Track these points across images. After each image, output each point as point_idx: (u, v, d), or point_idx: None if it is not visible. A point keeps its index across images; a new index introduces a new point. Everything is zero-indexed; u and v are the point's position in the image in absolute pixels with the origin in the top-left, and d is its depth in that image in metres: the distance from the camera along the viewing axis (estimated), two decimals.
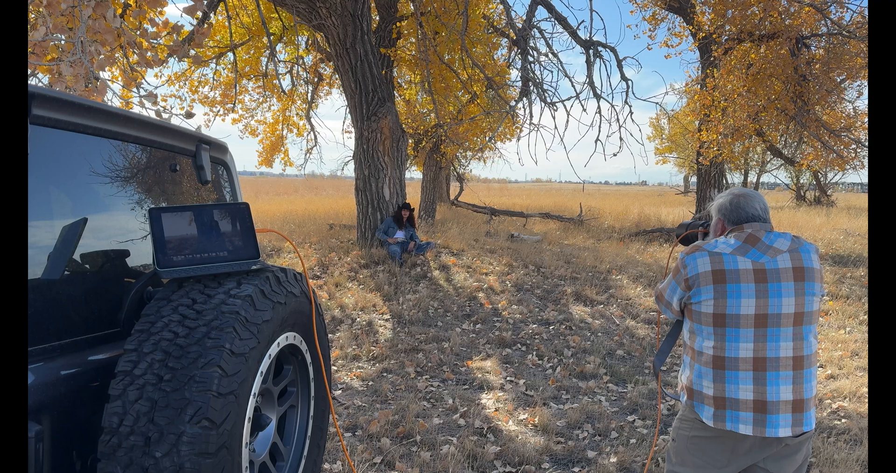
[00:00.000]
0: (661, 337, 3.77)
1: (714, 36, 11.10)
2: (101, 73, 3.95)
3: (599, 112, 10.65)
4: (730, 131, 11.04)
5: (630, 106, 11.65)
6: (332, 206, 18.16)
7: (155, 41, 4.50)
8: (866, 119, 11.52)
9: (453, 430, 3.94)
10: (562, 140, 13.49)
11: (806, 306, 1.99)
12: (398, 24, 10.44)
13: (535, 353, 5.56)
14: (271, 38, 9.93)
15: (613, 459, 3.53)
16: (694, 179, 20.28)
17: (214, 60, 11.56)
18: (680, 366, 3.51)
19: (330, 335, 5.88)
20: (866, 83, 11.73)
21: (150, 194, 2.05)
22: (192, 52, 4.78)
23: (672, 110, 22.69)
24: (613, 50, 10.91)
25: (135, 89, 4.55)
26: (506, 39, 13.02)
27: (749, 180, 31.38)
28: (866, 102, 13.62)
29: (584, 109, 11.39)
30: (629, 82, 11.09)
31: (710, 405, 2.00)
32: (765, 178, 32.41)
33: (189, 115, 4.44)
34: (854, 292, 7.77)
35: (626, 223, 15.27)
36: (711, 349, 2.00)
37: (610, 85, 62.47)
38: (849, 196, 36.04)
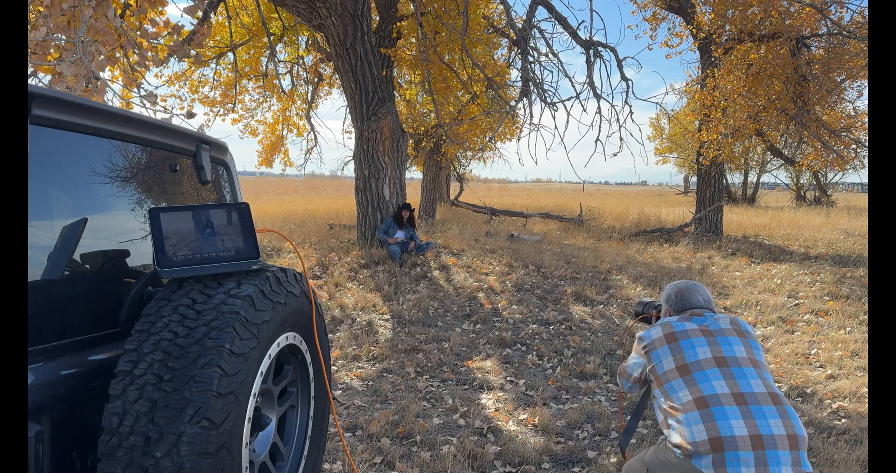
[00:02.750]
0: (625, 416, 3.85)
1: (714, 36, 11.10)
2: (101, 73, 3.95)
3: (599, 112, 10.65)
4: (730, 131, 11.04)
5: (630, 106, 11.66)
6: (332, 206, 18.16)
7: (155, 41, 4.50)
8: (866, 119, 11.52)
9: (453, 430, 3.94)
10: (562, 140, 13.49)
11: (756, 355, 2.15)
12: (398, 24, 10.44)
13: (535, 353, 5.56)
14: (271, 38, 9.93)
15: (613, 459, 3.53)
16: (694, 179, 20.28)
17: (214, 60, 11.56)
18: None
19: (330, 335, 5.88)
20: (866, 83, 11.73)
21: (150, 194, 2.05)
22: (193, 53, 4.78)
23: (672, 110, 22.70)
24: (613, 50, 10.90)
25: (135, 89, 4.55)
26: (506, 39, 13.01)
27: (749, 179, 31.39)
28: (866, 102, 13.62)
29: (584, 109, 11.39)
30: (629, 82, 11.09)
31: (707, 453, 1.91)
32: (765, 178, 32.41)
33: (190, 115, 4.44)
34: (854, 292, 7.77)
35: (626, 223, 15.27)
36: (689, 394, 2.03)
37: (610, 85, 62.49)
38: (849, 196, 36.03)
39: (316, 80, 13.22)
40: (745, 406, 1.96)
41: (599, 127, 10.74)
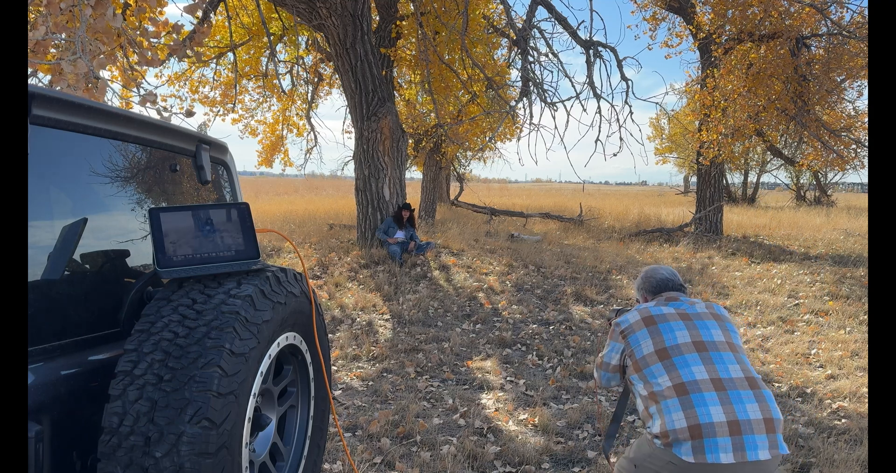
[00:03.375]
0: (603, 417, 3.83)
1: (714, 36, 11.10)
2: (101, 72, 3.95)
3: (599, 112, 10.65)
4: (730, 131, 11.04)
5: (630, 106, 11.66)
6: (332, 206, 18.16)
7: (155, 41, 4.50)
8: (866, 119, 11.52)
9: (453, 430, 3.94)
10: (562, 140, 13.52)
11: (733, 338, 2.18)
12: (398, 24, 10.44)
13: (535, 353, 5.56)
14: (271, 38, 9.93)
15: (613, 459, 3.53)
16: (694, 179, 20.28)
17: (214, 60, 11.56)
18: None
19: (330, 335, 5.88)
20: (866, 83, 11.73)
21: (150, 194, 2.05)
22: (192, 52, 4.78)
23: (672, 110, 22.70)
24: (613, 50, 10.90)
25: (135, 89, 4.55)
26: (506, 39, 13.02)
27: (749, 179, 31.38)
28: (866, 102, 13.62)
29: (584, 109, 11.40)
30: (629, 82, 11.09)
31: (686, 439, 1.94)
32: (765, 178, 32.40)
33: (189, 113, 4.44)
34: (854, 292, 7.78)
35: (626, 223, 15.27)
36: (669, 380, 2.04)
37: (610, 85, 62.50)
38: (849, 196, 36.03)
39: (316, 80, 13.22)
40: (724, 392, 1.98)
41: (599, 127, 10.75)
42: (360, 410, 4.21)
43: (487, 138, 15.38)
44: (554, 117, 13.79)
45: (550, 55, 15.43)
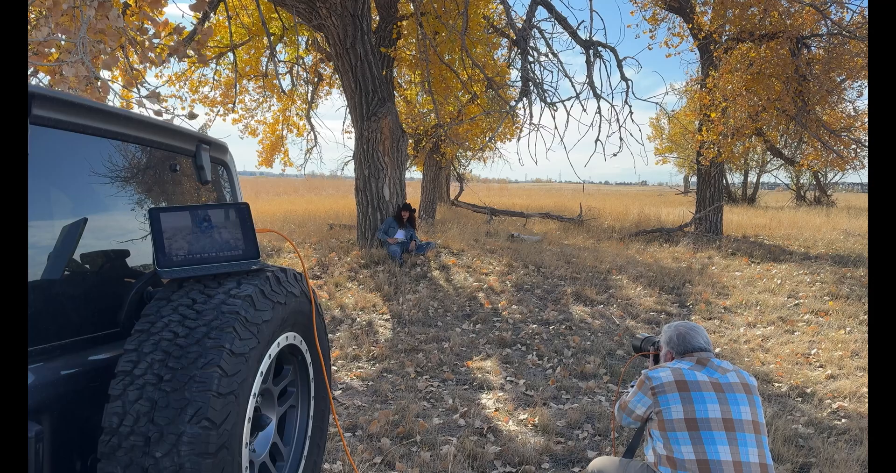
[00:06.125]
0: (617, 448, 3.84)
1: (714, 36, 11.09)
2: (102, 73, 3.95)
3: (599, 112, 10.65)
4: (730, 131, 11.04)
5: (630, 106, 11.64)
6: (332, 206, 18.17)
7: (155, 41, 4.50)
8: (866, 119, 11.51)
9: (453, 430, 3.94)
10: (562, 140, 13.52)
11: (758, 417, 2.22)
12: (398, 24, 10.44)
13: (535, 353, 5.56)
14: (271, 38, 9.93)
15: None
16: (694, 179, 20.27)
17: (214, 60, 11.56)
18: None
19: (330, 335, 5.88)
20: (866, 83, 11.73)
21: (150, 194, 2.05)
22: (194, 53, 4.78)
23: (672, 110, 22.69)
24: (613, 50, 10.90)
25: (135, 89, 4.55)
26: (506, 39, 13.02)
27: (749, 179, 31.37)
28: (866, 102, 13.62)
29: (584, 109, 11.39)
30: (629, 82, 11.08)
31: None
32: (765, 178, 32.38)
33: (192, 116, 4.44)
34: (854, 292, 7.78)
35: (626, 223, 15.27)
36: (693, 453, 2.10)
37: (610, 85, 62.44)
38: (849, 196, 36.02)
39: (316, 80, 13.22)
40: None
41: (599, 127, 10.75)
42: (360, 410, 4.21)
43: (487, 138, 15.38)
44: (554, 117, 13.74)
45: (550, 55, 15.42)
